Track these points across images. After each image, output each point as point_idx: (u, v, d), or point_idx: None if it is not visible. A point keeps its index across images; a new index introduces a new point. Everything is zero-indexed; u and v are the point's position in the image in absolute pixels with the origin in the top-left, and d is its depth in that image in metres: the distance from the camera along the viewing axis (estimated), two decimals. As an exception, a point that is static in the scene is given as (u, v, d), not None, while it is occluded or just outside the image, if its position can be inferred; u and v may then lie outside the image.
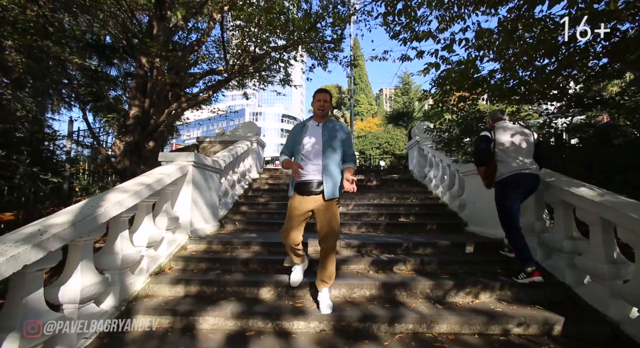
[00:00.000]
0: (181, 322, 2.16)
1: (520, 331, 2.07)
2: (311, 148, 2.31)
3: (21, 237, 1.58)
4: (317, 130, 2.35)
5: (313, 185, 2.24)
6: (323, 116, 2.40)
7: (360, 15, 6.26)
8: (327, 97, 2.39)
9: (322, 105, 2.36)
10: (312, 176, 2.26)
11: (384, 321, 2.12)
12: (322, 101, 2.35)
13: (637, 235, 1.89)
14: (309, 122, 2.44)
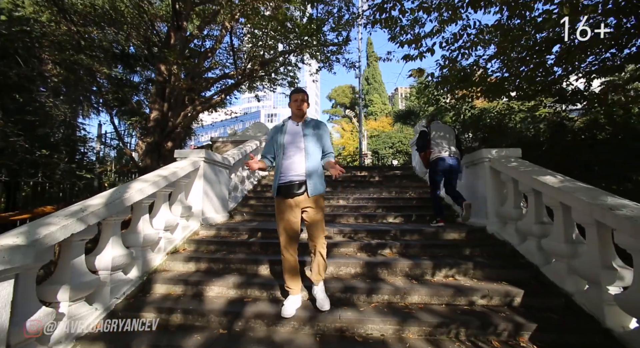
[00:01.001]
0: (191, 290, 2.57)
1: (484, 302, 2.33)
2: (293, 148, 2.30)
3: (68, 212, 2.03)
4: (297, 130, 2.36)
5: (294, 186, 2.22)
6: (301, 116, 2.40)
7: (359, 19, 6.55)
8: (304, 96, 2.39)
9: (299, 105, 2.35)
10: (293, 176, 2.25)
11: (363, 292, 2.44)
12: (299, 101, 2.36)
13: (584, 214, 2.12)
14: (288, 122, 2.43)
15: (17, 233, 1.71)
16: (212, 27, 9.12)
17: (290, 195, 2.24)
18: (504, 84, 4.65)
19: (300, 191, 2.22)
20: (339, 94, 36.26)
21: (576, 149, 3.56)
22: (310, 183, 2.23)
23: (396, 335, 2.04)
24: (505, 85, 4.64)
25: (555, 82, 5.01)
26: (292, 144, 2.32)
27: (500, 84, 4.39)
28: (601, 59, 4.94)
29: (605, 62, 4.88)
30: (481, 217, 3.55)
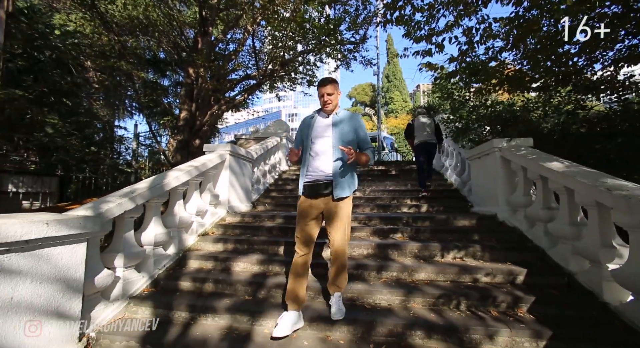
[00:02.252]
0: (221, 265, 2.91)
1: (487, 280, 2.48)
2: (320, 143, 2.11)
3: (121, 193, 2.42)
4: (327, 123, 2.15)
5: (321, 186, 2.05)
6: (332, 109, 2.17)
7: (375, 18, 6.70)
8: (330, 89, 2.11)
9: (325, 100, 2.12)
10: (320, 175, 2.07)
11: (373, 269, 2.66)
12: (324, 95, 2.12)
13: (585, 196, 2.22)
14: (317, 115, 2.24)
15: (87, 208, 2.11)
16: (235, 31, 9.60)
17: (315, 195, 2.07)
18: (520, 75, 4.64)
19: (326, 191, 2.04)
20: (359, 92, 36.22)
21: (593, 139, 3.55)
22: (337, 184, 2.04)
23: (402, 305, 2.26)
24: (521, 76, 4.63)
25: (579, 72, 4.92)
26: (319, 139, 2.12)
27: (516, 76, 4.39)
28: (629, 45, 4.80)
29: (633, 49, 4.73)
30: (492, 206, 3.65)
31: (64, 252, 1.82)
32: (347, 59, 7.47)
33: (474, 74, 3.62)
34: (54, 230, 1.73)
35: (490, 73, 3.64)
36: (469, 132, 4.47)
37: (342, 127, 2.14)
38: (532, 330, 1.87)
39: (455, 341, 1.88)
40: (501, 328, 1.89)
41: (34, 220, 1.65)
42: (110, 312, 2.24)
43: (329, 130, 2.13)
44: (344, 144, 2.06)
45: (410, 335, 1.94)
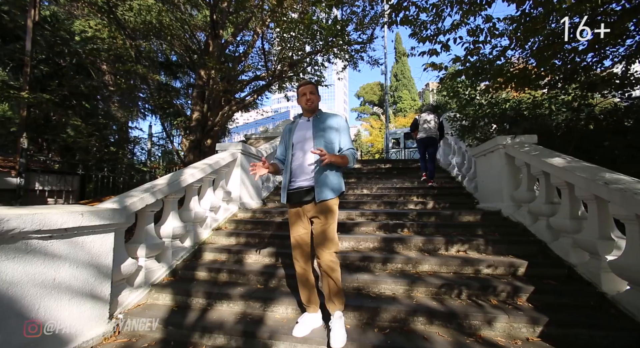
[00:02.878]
0: (233, 257, 3.08)
1: (489, 271, 2.58)
2: (301, 148, 2.03)
3: (143, 189, 2.62)
4: (307, 126, 2.07)
5: (302, 193, 1.97)
6: (312, 110, 2.10)
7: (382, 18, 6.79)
8: (313, 88, 2.09)
9: (308, 99, 2.05)
10: (302, 182, 1.99)
11: (379, 261, 2.79)
12: (307, 94, 2.05)
13: (585, 190, 2.29)
14: (299, 119, 2.17)
15: (113, 201, 2.30)
16: (245, 33, 9.82)
17: (298, 203, 2.01)
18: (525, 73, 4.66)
19: (308, 198, 1.96)
20: (367, 92, 36.18)
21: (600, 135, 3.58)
22: (318, 188, 1.94)
23: (405, 294, 2.37)
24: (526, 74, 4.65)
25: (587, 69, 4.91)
26: (300, 144, 2.04)
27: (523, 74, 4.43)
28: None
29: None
30: (496, 202, 3.72)
31: (95, 240, 2.02)
32: (354, 59, 7.60)
33: (478, 74, 3.69)
34: (87, 220, 1.93)
35: (495, 72, 3.70)
36: (475, 130, 4.52)
37: (323, 129, 2.02)
38: (529, 317, 1.96)
39: (455, 326, 1.99)
40: (499, 315, 1.99)
41: (71, 211, 1.84)
42: (134, 297, 2.43)
43: (309, 134, 2.03)
44: (325, 146, 1.96)
45: (412, 321, 2.06)
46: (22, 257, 1.61)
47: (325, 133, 2.02)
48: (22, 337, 1.61)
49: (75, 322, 1.88)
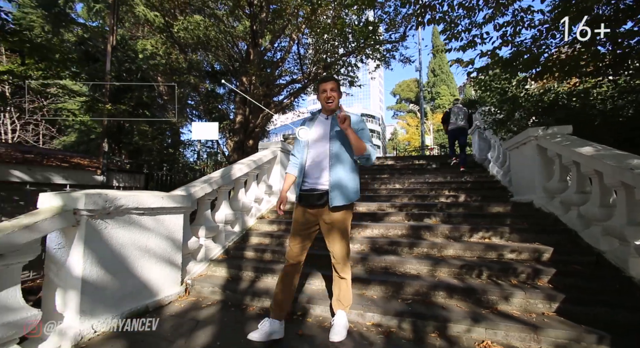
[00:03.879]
0: (275, 241, 3.52)
1: (512, 256, 2.69)
2: (318, 148, 1.94)
3: (202, 180, 3.16)
4: (326, 125, 1.99)
5: (315, 196, 1.88)
6: (332, 109, 1.98)
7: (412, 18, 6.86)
8: (333, 85, 1.96)
9: (328, 96, 1.94)
10: (315, 184, 1.91)
11: (406, 246, 3.03)
12: (327, 91, 1.94)
13: (612, 178, 2.33)
14: (318, 116, 2.08)
15: (181, 189, 2.85)
16: (281, 40, 10.43)
17: (309, 205, 1.91)
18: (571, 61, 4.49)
19: (321, 202, 1.88)
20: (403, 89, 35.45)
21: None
22: (333, 193, 1.86)
23: (429, 273, 2.60)
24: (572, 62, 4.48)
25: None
26: (317, 143, 1.96)
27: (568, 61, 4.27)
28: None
29: None
30: (529, 194, 3.72)
31: (171, 219, 2.56)
32: (386, 58, 7.74)
33: (509, 65, 3.72)
34: (166, 202, 2.46)
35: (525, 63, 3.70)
36: (510, 123, 4.49)
37: (341, 129, 1.87)
38: (547, 294, 2.10)
39: (474, 300, 2.19)
40: (517, 292, 2.15)
41: (155, 194, 2.39)
42: (198, 269, 2.97)
43: (327, 133, 1.95)
44: (343, 149, 1.91)
45: (433, 295, 2.29)
46: (127, 226, 2.17)
47: (343, 136, 1.89)
48: (130, 285, 2.17)
49: (160, 281, 2.43)
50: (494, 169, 5.51)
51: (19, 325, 1.59)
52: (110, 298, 2.08)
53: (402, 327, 2.03)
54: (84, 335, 1.89)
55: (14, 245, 1.60)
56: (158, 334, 2.02)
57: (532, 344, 1.78)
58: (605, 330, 1.77)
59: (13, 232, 1.60)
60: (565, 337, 1.75)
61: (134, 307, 2.22)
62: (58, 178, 5.38)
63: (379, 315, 2.12)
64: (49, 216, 1.78)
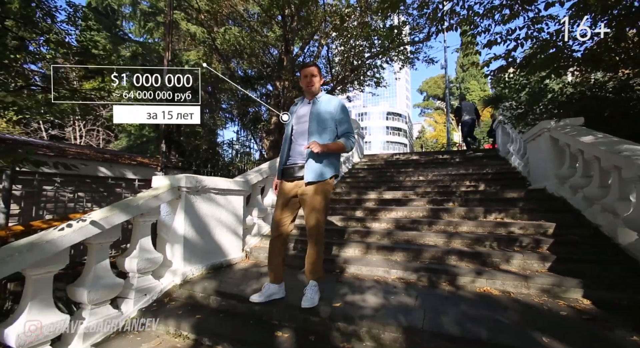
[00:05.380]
0: (314, 222, 4.18)
1: (520, 231, 3.12)
2: (298, 128, 2.16)
3: (254, 170, 3.90)
4: (307, 108, 2.18)
5: (295, 169, 2.09)
6: (312, 93, 2.19)
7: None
8: (314, 70, 2.17)
9: (309, 81, 2.15)
10: (295, 159, 2.13)
11: (425, 224, 3.55)
12: (308, 76, 2.15)
13: (605, 161, 2.71)
14: (300, 101, 2.30)
15: (241, 177, 3.60)
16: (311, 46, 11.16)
17: (289, 178, 2.14)
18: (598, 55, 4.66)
19: (299, 174, 2.08)
20: (430, 86, 34.91)
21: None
22: (308, 168, 2.04)
23: (444, 244, 3.11)
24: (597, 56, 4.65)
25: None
26: (298, 124, 2.18)
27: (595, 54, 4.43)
28: None
29: None
30: (543, 181, 4.06)
31: (236, 199, 3.30)
32: (410, 59, 8.15)
33: (522, 67, 4.08)
34: (232, 185, 3.21)
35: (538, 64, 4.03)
36: (527, 117, 4.79)
37: (320, 111, 2.11)
38: (541, 256, 2.55)
39: (480, 262, 2.69)
40: (517, 255, 2.62)
41: (225, 179, 3.15)
42: (253, 241, 3.70)
43: (307, 115, 2.14)
44: (321, 129, 2.08)
45: (446, 258, 2.81)
46: (208, 202, 2.93)
47: (320, 117, 2.10)
48: (211, 245, 2.93)
49: (228, 245, 3.17)
50: (516, 161, 5.77)
51: (153, 261, 2.38)
52: (200, 252, 2.84)
53: (420, 279, 2.59)
54: (187, 275, 2.66)
55: (149, 207, 2.39)
56: (232, 280, 2.74)
57: (522, 289, 2.27)
58: (589, 280, 2.20)
59: (149, 199, 2.38)
60: (549, 283, 2.22)
61: (214, 261, 2.97)
62: (130, 174, 6.46)
63: (401, 271, 2.69)
64: (165, 190, 2.56)
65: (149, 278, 2.45)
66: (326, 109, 2.13)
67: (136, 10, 13.41)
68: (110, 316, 2.11)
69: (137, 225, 2.42)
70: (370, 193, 4.93)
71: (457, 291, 2.35)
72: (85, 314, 1.99)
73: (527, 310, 1.96)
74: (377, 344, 1.75)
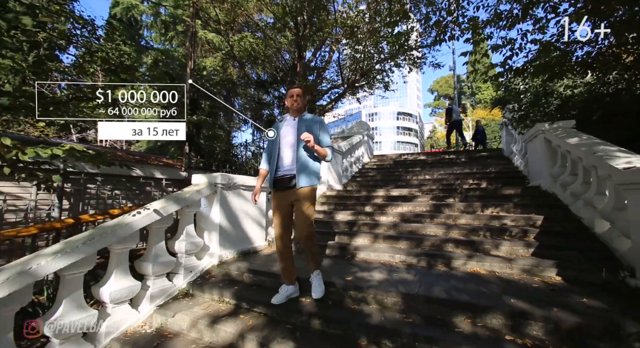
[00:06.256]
0: (328, 216, 4.64)
1: (512, 223, 3.50)
2: (286, 142, 2.41)
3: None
4: (293, 124, 2.45)
5: (285, 180, 2.36)
6: (298, 110, 2.47)
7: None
8: (300, 92, 2.48)
9: (294, 100, 2.44)
10: (286, 171, 2.38)
11: (427, 217, 3.96)
12: (294, 96, 2.44)
13: (586, 161, 3.07)
14: (286, 117, 2.55)
15: (264, 175, 4.10)
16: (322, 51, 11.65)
17: (282, 188, 2.39)
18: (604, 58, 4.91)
19: (291, 184, 2.34)
20: (441, 85, 34.83)
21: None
22: (299, 175, 2.32)
23: (443, 234, 3.53)
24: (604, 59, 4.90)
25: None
26: (285, 138, 2.43)
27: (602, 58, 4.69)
28: None
29: None
30: (538, 179, 4.40)
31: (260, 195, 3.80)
32: (417, 64, 8.50)
33: (519, 73, 4.42)
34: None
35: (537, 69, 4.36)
36: (528, 118, 5.11)
37: (305, 126, 2.39)
38: (526, 243, 2.94)
39: (473, 248, 3.09)
40: (505, 242, 3.01)
41: (251, 177, 3.65)
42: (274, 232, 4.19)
43: (293, 130, 2.41)
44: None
45: (444, 246, 3.23)
46: (237, 197, 3.45)
47: (306, 130, 2.35)
48: (240, 234, 3.44)
49: (254, 235, 3.68)
50: (518, 160, 6.08)
51: (196, 244, 2.91)
52: (232, 239, 3.36)
53: (420, 262, 3.02)
54: (222, 258, 3.18)
55: (193, 200, 2.91)
56: (260, 262, 3.23)
57: (506, 270, 2.67)
58: (565, 263, 2.58)
59: (193, 193, 2.91)
60: (529, 264, 2.62)
61: (242, 247, 3.49)
62: (158, 174, 7.09)
63: (404, 256, 3.12)
64: (204, 186, 3.09)
65: (193, 258, 2.98)
66: (311, 125, 2.42)
67: (157, 20, 14.24)
68: (167, 286, 2.64)
69: (183, 215, 2.95)
70: (379, 190, 5.36)
71: (450, 271, 2.77)
72: (150, 283, 2.53)
73: (506, 284, 2.37)
74: (381, 306, 2.20)
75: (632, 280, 2.19)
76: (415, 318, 2.00)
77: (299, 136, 2.33)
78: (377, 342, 1.86)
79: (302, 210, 2.32)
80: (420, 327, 1.90)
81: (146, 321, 2.39)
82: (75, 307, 1.97)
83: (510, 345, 1.68)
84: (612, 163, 2.53)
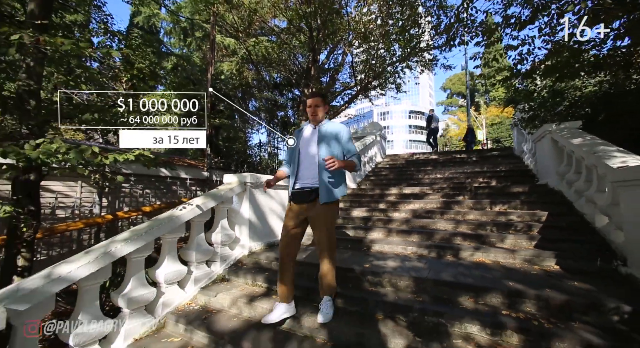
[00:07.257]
0: (343, 212, 4.96)
1: (518, 219, 3.74)
2: (306, 153, 2.28)
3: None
4: (313, 134, 2.32)
5: (305, 193, 2.21)
6: (317, 120, 2.34)
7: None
8: (318, 101, 2.32)
9: (313, 111, 2.31)
10: (305, 183, 2.24)
11: (438, 213, 4.24)
12: (312, 106, 2.31)
13: (587, 160, 3.29)
14: (305, 126, 2.43)
15: (285, 174, 4.48)
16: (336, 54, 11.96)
17: (300, 201, 2.24)
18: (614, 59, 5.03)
19: (311, 198, 2.19)
20: (454, 83, 34.50)
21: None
22: (321, 190, 2.17)
23: (453, 229, 3.80)
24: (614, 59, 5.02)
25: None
26: (305, 149, 2.31)
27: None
28: None
29: None
30: (546, 177, 4.59)
31: (282, 193, 4.17)
32: (429, 66, 8.70)
33: (528, 76, 4.61)
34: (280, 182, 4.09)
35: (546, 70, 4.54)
36: (537, 119, 5.29)
37: (326, 136, 2.25)
38: (530, 236, 3.19)
39: (479, 241, 3.36)
40: (510, 235, 3.27)
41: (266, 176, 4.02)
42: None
43: (314, 140, 2.27)
44: (329, 153, 2.18)
45: (453, 239, 3.51)
46: (263, 194, 3.83)
47: (328, 142, 2.24)
48: (266, 228, 3.82)
49: (278, 229, 4.01)
50: (528, 159, 6.24)
51: (230, 236, 3.31)
52: (260, 233, 3.74)
53: (430, 253, 3.31)
54: (251, 249, 3.57)
55: (227, 197, 3.31)
56: (285, 253, 3.60)
57: (510, 260, 2.94)
58: (564, 254, 2.83)
59: (227, 191, 3.30)
60: (530, 255, 2.88)
61: (268, 240, 3.87)
62: (182, 174, 7.59)
63: (416, 248, 3.42)
64: (236, 185, 3.48)
65: (227, 249, 3.37)
66: (332, 134, 2.27)
67: (176, 27, 14.87)
68: (207, 272, 3.04)
69: (218, 210, 3.34)
70: (392, 189, 5.65)
71: (457, 261, 3.06)
72: (193, 268, 2.93)
73: (508, 271, 2.65)
74: (395, 288, 2.53)
75: (623, 268, 2.43)
76: (424, 297, 2.32)
77: (319, 147, 2.23)
78: (392, 316, 2.19)
79: (323, 227, 2.18)
80: (429, 304, 2.22)
81: (192, 300, 2.79)
82: (140, 285, 2.38)
83: (505, 318, 1.97)
84: (609, 162, 2.76)
